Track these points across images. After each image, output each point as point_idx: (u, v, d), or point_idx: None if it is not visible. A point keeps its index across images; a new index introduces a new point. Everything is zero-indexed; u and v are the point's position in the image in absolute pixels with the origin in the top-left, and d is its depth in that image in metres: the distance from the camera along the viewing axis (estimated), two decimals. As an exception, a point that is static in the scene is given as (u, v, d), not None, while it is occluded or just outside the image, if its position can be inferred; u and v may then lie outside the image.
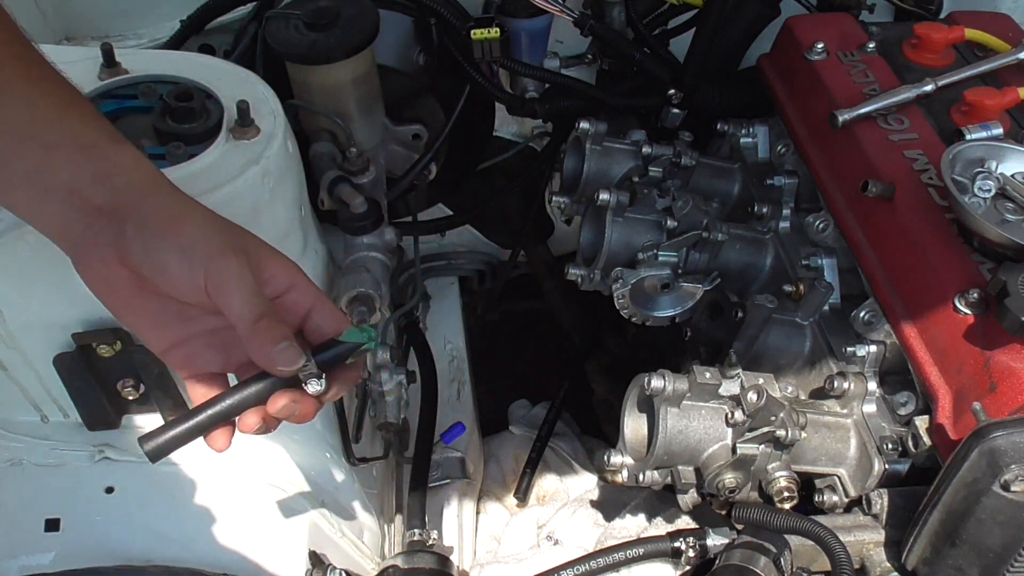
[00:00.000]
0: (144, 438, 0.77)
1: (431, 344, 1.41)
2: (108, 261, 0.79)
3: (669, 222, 1.19)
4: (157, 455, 0.77)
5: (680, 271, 1.18)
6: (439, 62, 1.39)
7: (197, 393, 0.81)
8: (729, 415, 0.96)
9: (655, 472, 1.00)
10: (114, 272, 0.79)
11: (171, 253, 0.77)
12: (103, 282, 0.81)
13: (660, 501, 1.30)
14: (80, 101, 0.83)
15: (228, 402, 0.78)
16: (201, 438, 0.79)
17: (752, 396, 0.93)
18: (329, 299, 0.84)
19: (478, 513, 1.46)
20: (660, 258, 1.18)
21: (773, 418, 0.94)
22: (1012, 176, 0.97)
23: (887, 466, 0.96)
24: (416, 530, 1.19)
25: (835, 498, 1.00)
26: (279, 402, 0.77)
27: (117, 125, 1.09)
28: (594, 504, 1.38)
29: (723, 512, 1.01)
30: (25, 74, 0.80)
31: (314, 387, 0.77)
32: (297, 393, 0.78)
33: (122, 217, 0.78)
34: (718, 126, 1.32)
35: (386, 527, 1.30)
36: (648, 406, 1.00)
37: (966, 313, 0.90)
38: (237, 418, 0.79)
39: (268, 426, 0.80)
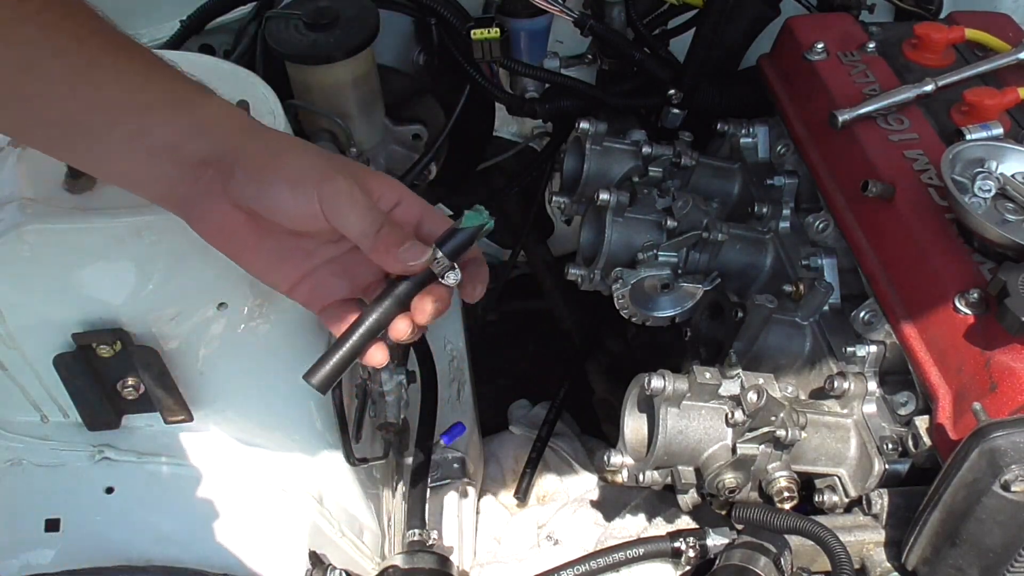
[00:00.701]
0: (308, 374, 0.80)
1: (431, 344, 1.41)
2: (222, 210, 0.81)
3: (669, 222, 1.19)
4: (325, 386, 0.80)
5: (680, 271, 1.18)
6: (439, 62, 1.39)
7: (332, 322, 0.84)
8: (729, 415, 0.96)
9: (655, 472, 1.00)
10: (229, 219, 0.81)
11: (283, 187, 0.79)
12: (220, 232, 0.83)
13: (660, 501, 1.30)
14: (161, 62, 0.85)
15: (374, 317, 0.80)
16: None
17: (752, 396, 0.93)
18: (436, 209, 0.86)
19: (478, 513, 1.46)
20: (660, 258, 1.18)
21: (773, 418, 0.94)
22: (1012, 176, 0.97)
23: (887, 466, 0.96)
24: (416, 530, 1.19)
25: (835, 498, 1.00)
26: (426, 306, 0.80)
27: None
28: (594, 504, 1.38)
29: (723, 512, 1.01)
30: (107, 45, 0.81)
31: (451, 278, 0.80)
32: (435, 291, 0.81)
33: (228, 164, 0.79)
34: (718, 126, 1.32)
35: (386, 527, 1.30)
36: (648, 406, 1.00)
37: (966, 313, 0.90)
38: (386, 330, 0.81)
39: (419, 330, 0.82)
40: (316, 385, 0.79)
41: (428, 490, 1.27)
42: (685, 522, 1.18)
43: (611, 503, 1.36)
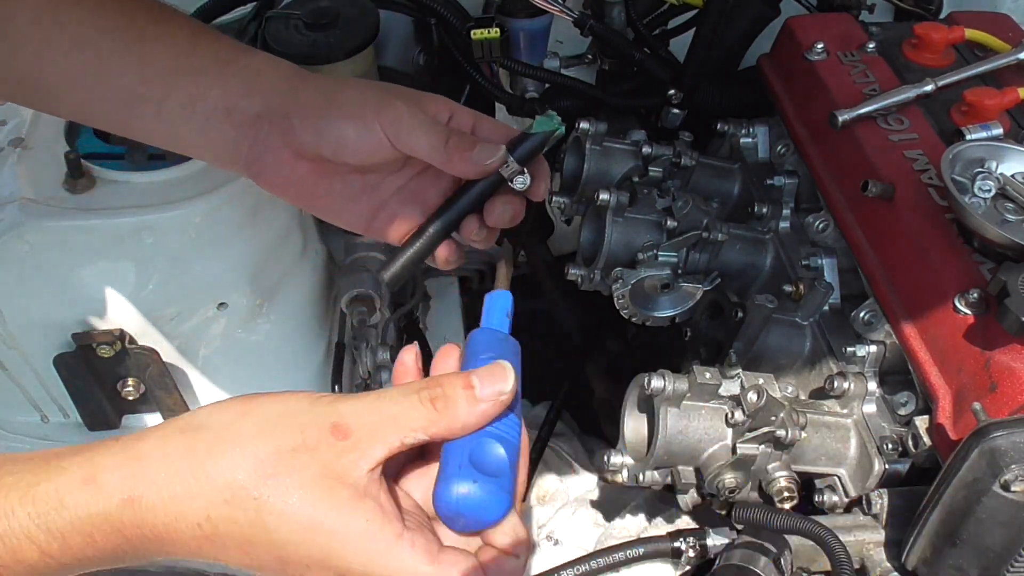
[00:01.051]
0: (381, 268, 0.82)
1: (431, 344, 1.41)
2: (284, 161, 0.83)
3: (669, 222, 1.19)
4: (395, 281, 0.82)
5: (680, 271, 1.18)
6: (439, 62, 1.39)
7: None
8: (729, 415, 0.96)
9: (655, 472, 1.00)
10: (294, 170, 0.84)
11: (344, 123, 0.81)
12: (287, 183, 0.85)
13: (660, 501, 1.30)
14: (205, 27, 0.89)
15: (446, 216, 0.82)
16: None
17: (752, 396, 0.93)
18: (485, 114, 0.89)
19: (478, 513, 1.45)
20: (660, 258, 1.18)
21: (773, 418, 0.94)
22: (1012, 176, 0.97)
23: (887, 466, 0.96)
24: (416, 530, 1.19)
25: (835, 498, 1.00)
26: (495, 208, 0.83)
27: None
28: (594, 504, 1.38)
29: (723, 512, 1.01)
30: (153, 17, 0.85)
31: (520, 183, 0.82)
32: (506, 195, 0.83)
33: (283, 115, 0.82)
34: (718, 126, 1.32)
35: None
36: (648, 406, 1.00)
37: (966, 313, 0.90)
38: (456, 233, 0.84)
39: (490, 235, 0.85)
40: (388, 280, 0.81)
41: (428, 490, 1.27)
42: (685, 522, 1.18)
43: (611, 503, 1.36)
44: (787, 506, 0.96)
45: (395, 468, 0.68)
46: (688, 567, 0.99)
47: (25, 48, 0.82)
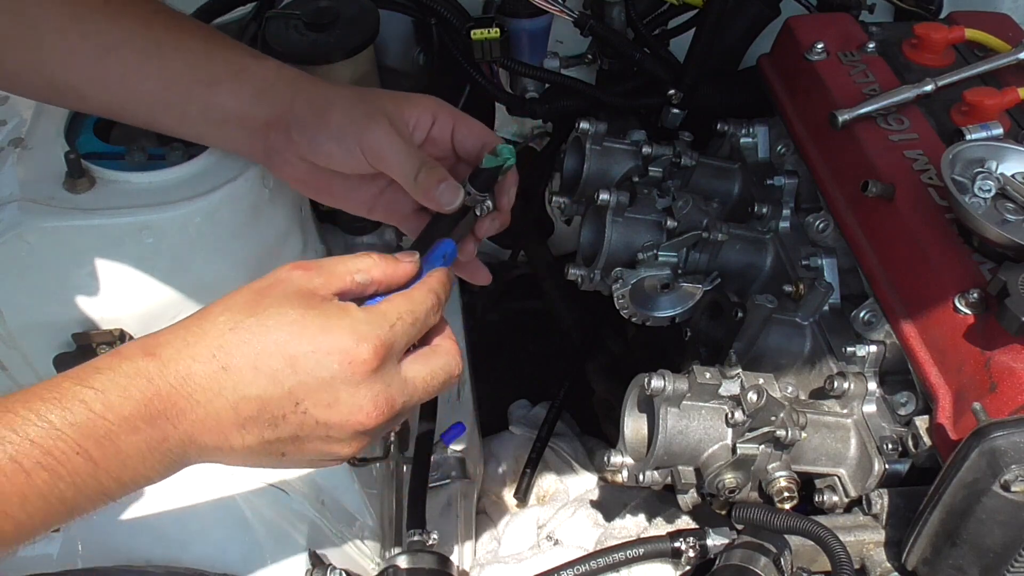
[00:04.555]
0: None
1: (431, 343, 1.41)
2: (291, 161, 0.95)
3: (669, 222, 1.19)
4: None
5: (680, 271, 1.18)
6: (439, 62, 1.39)
7: (410, 231, 1.01)
8: (729, 415, 0.96)
9: (655, 472, 1.00)
10: (300, 168, 0.96)
11: (329, 142, 0.92)
12: (296, 178, 0.99)
13: (660, 501, 1.30)
14: (214, 32, 0.98)
15: (425, 241, 0.92)
16: None
17: (752, 396, 0.93)
18: (466, 114, 0.99)
19: (478, 513, 1.46)
20: (660, 258, 1.18)
21: (773, 418, 0.94)
22: (1012, 176, 0.97)
23: (887, 466, 0.96)
24: (416, 530, 1.19)
25: (835, 498, 1.00)
26: (468, 248, 0.97)
27: (115, 126, 1.10)
28: (594, 504, 1.38)
29: (723, 512, 1.01)
30: (169, 25, 0.93)
31: (481, 208, 0.94)
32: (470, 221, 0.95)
33: (284, 125, 0.93)
34: (718, 126, 1.32)
35: (386, 527, 1.30)
36: (648, 406, 1.00)
37: (966, 313, 0.90)
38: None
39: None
40: None
41: (428, 490, 1.27)
42: (685, 522, 1.18)
43: (611, 503, 1.36)
44: (787, 506, 0.96)
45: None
46: (688, 567, 0.99)
47: (52, 56, 0.88)
